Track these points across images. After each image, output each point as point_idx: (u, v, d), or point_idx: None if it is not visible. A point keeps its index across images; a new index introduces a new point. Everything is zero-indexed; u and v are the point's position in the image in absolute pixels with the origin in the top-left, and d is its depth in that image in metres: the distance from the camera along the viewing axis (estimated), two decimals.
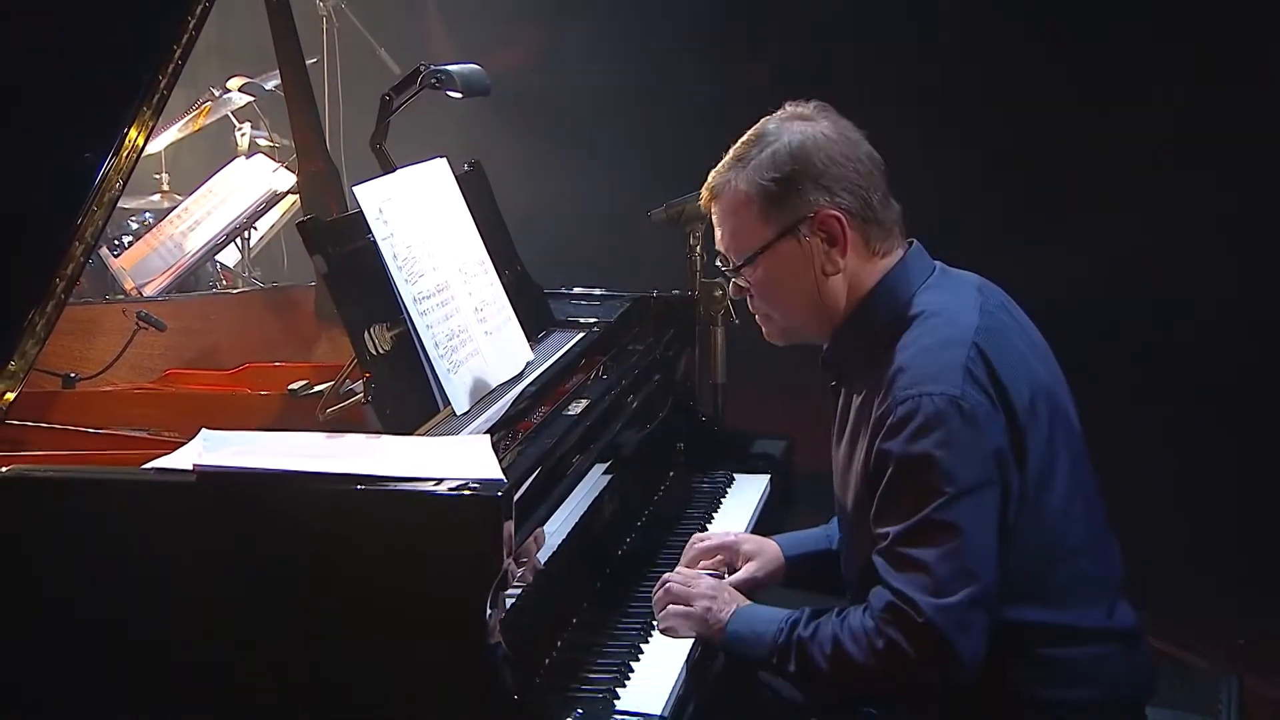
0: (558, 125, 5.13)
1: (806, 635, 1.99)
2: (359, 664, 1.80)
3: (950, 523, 1.86)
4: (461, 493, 1.76)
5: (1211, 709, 2.19)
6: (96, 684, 1.88)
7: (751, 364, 3.07)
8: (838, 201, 2.01)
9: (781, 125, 2.06)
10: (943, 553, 1.86)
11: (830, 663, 1.95)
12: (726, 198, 2.07)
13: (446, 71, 2.59)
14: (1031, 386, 1.97)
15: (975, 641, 1.88)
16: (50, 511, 1.88)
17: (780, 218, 2.03)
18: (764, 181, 2.02)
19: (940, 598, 1.85)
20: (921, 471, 1.88)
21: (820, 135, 2.03)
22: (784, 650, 2.01)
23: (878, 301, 2.05)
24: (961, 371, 1.90)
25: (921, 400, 1.89)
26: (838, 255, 2.03)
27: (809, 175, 2.01)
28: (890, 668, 1.90)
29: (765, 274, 2.07)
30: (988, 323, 1.99)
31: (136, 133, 2.00)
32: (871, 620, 1.91)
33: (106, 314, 2.96)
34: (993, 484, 1.89)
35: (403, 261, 2.23)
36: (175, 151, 4.69)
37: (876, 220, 2.04)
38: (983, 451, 1.88)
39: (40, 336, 1.95)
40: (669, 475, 2.77)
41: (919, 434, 1.88)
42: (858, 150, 2.04)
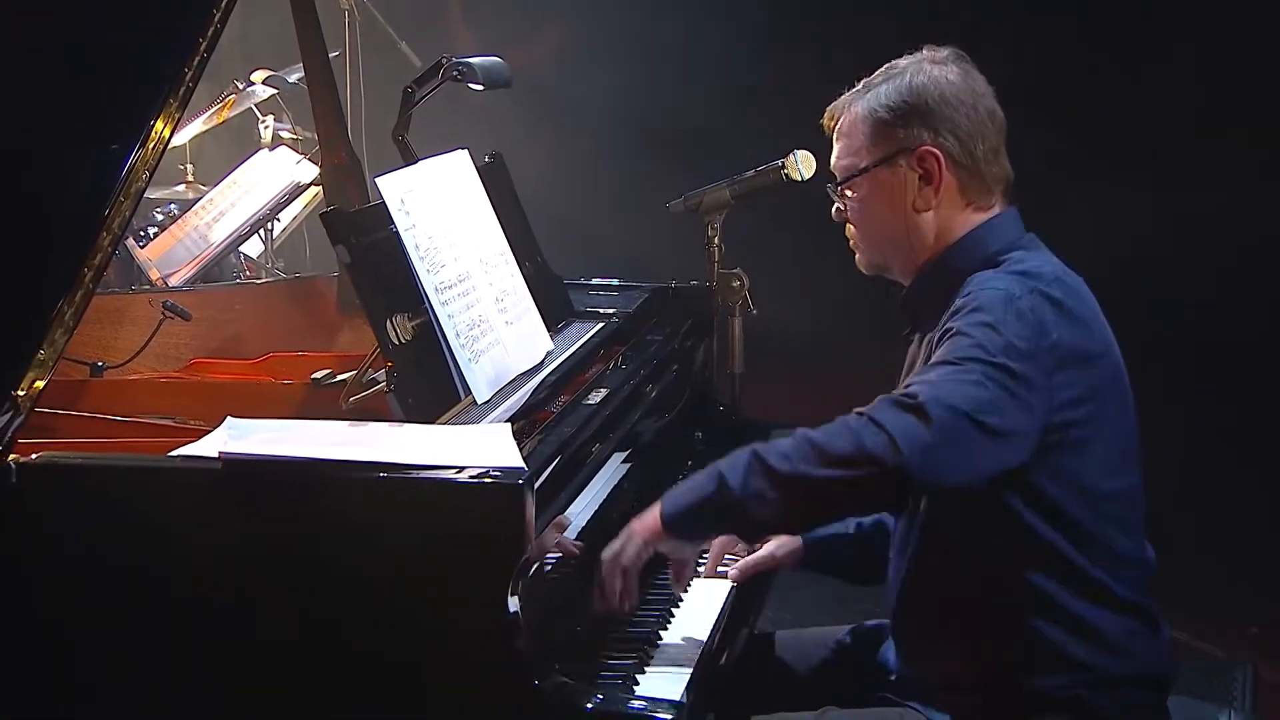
0: (578, 117, 5.14)
1: (761, 447, 1.89)
2: (381, 650, 1.82)
3: (983, 368, 1.85)
4: (483, 480, 1.78)
5: (1226, 697, 2.19)
6: (122, 667, 1.90)
7: (769, 354, 3.08)
8: (940, 142, 2.06)
9: (911, 63, 2.12)
10: (967, 379, 1.84)
11: (792, 459, 1.85)
12: (843, 119, 2.15)
13: (468, 64, 2.61)
14: (1092, 340, 2.00)
15: (954, 454, 1.83)
16: (78, 498, 1.91)
17: (884, 145, 2.09)
18: (878, 108, 2.09)
19: (947, 399, 1.82)
20: (968, 335, 1.90)
21: (944, 79, 2.08)
22: (727, 473, 1.88)
23: (965, 248, 2.09)
24: (1029, 287, 1.95)
25: (983, 291, 1.95)
26: (930, 193, 2.08)
27: (920, 111, 2.07)
28: (863, 444, 1.81)
29: (861, 197, 2.14)
30: (1064, 282, 2.02)
31: (163, 125, 2.02)
32: (857, 410, 1.87)
33: (133, 304, 2.98)
34: (1031, 368, 1.86)
35: (424, 252, 2.25)
36: (200, 143, 4.73)
37: (977, 171, 2.08)
38: (1031, 340, 1.89)
39: (69, 325, 1.97)
40: (687, 464, 2.78)
41: (975, 310, 1.93)
42: (977, 101, 2.08)
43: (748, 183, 2.89)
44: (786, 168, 2.84)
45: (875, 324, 4.51)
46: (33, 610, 1.92)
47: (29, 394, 1.95)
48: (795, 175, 2.84)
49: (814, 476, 1.84)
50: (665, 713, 1.84)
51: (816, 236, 2.20)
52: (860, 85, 2.15)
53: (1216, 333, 4.03)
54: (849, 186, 2.14)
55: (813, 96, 2.22)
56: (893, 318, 2.24)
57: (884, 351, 4.75)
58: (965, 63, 2.12)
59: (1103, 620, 1.98)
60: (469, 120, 4.46)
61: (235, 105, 4.44)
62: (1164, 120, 4.18)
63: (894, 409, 1.84)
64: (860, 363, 4.73)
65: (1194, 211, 4.05)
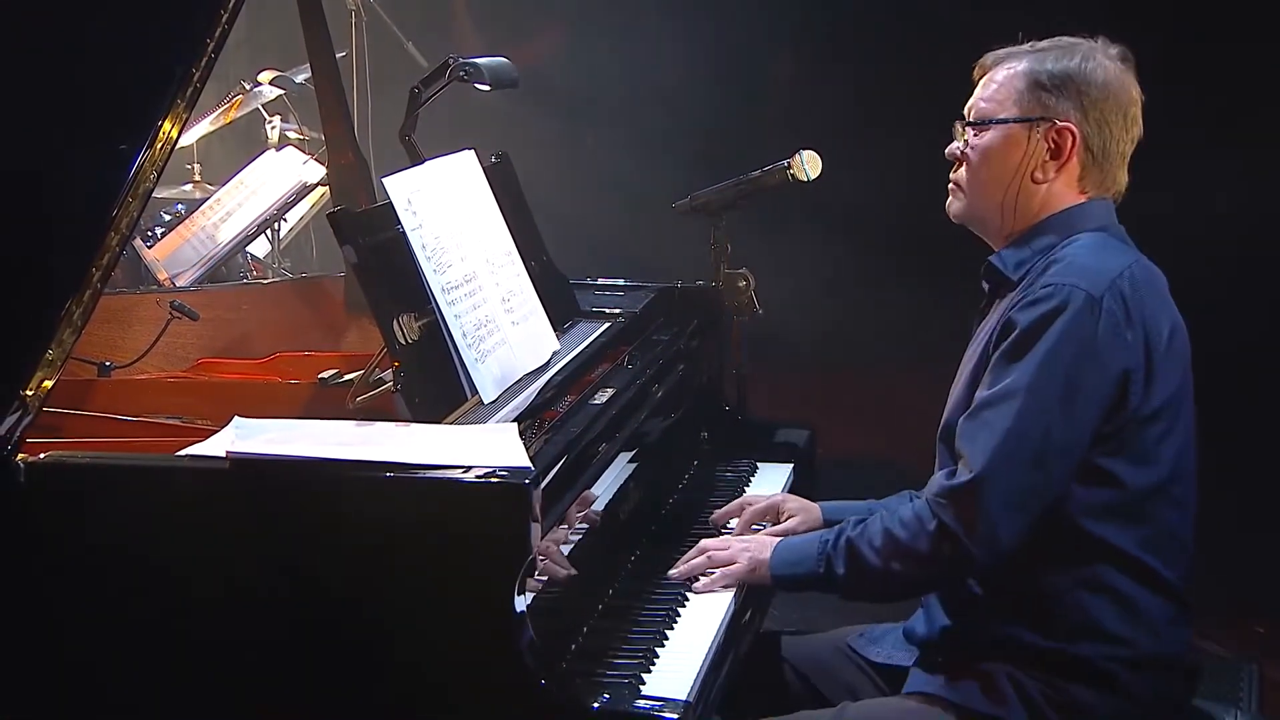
0: (585, 117, 5.14)
1: (855, 535, 2.08)
2: (388, 648, 1.83)
3: (1044, 404, 1.94)
4: (490, 480, 1.78)
5: (1232, 697, 2.19)
6: (129, 666, 1.91)
7: (775, 354, 3.08)
8: (1084, 124, 2.09)
9: (1085, 45, 2.13)
10: (1024, 428, 1.94)
11: (881, 555, 2.04)
12: (1000, 67, 2.16)
13: (475, 64, 2.62)
14: (1173, 328, 2.05)
15: (1017, 526, 1.95)
16: (86, 497, 1.91)
17: (1031, 106, 2.11)
18: (1039, 71, 2.11)
19: (998, 461, 1.93)
20: (1032, 349, 1.96)
21: (1113, 71, 2.10)
22: (831, 556, 2.09)
23: (1058, 221, 2.12)
24: (1109, 282, 1.98)
25: (1063, 289, 1.98)
26: (1053, 168, 2.11)
27: (1077, 90, 2.09)
28: (940, 548, 1.97)
29: (986, 146, 2.15)
30: (1146, 270, 2.08)
31: (170, 125, 2.02)
32: (926, 504, 2.00)
33: (141, 304, 2.99)
34: (1101, 391, 1.96)
35: (431, 252, 2.26)
36: (207, 144, 4.74)
37: (1104, 166, 2.12)
38: (1104, 356, 1.96)
39: (77, 325, 1.98)
40: (693, 464, 2.79)
41: (1050, 315, 1.96)
42: (1130, 108, 2.11)
43: (754, 183, 2.89)
44: (792, 168, 2.84)
45: (881, 324, 4.54)
46: (41, 609, 1.92)
47: (37, 393, 1.96)
48: (801, 175, 2.84)
49: (898, 572, 2.05)
50: (671, 712, 1.85)
51: (822, 237, 2.20)
52: (1027, 45, 2.16)
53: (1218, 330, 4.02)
54: (980, 130, 2.15)
55: (819, 97, 2.24)
56: (897, 319, 2.25)
57: (889, 351, 4.78)
58: (1131, 64, 2.14)
59: (1148, 602, 2.03)
60: (476, 120, 4.48)
61: (242, 105, 4.44)
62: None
63: (955, 505, 1.95)
64: (866, 362, 4.76)
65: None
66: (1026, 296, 2.01)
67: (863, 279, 4.55)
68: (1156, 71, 2.20)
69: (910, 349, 4.21)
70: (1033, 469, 1.95)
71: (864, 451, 4.16)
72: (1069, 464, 1.97)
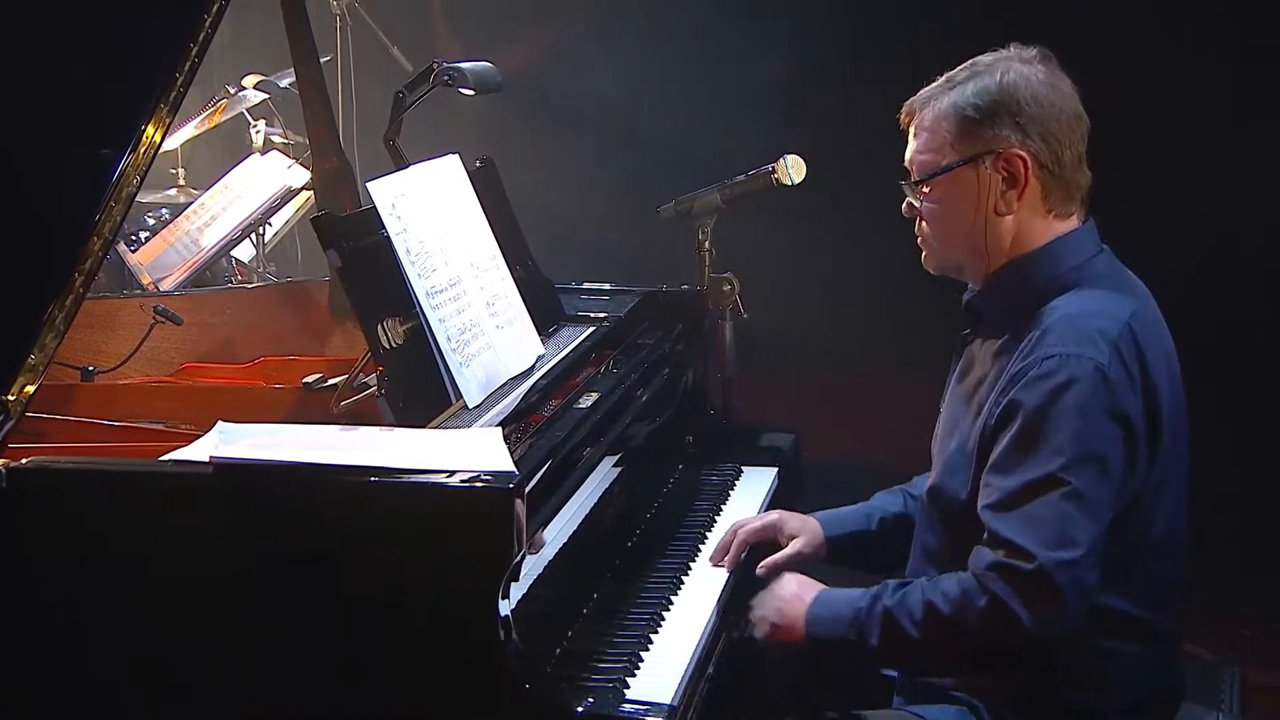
0: (569, 122, 5.14)
1: (892, 604, 1.98)
2: (372, 653, 1.83)
3: (1072, 483, 1.87)
4: (474, 484, 1.78)
5: (1215, 700, 2.20)
6: (113, 671, 1.91)
7: (760, 358, 3.09)
8: (1028, 144, 2.00)
9: (997, 60, 2.05)
10: (1062, 511, 1.86)
11: (922, 628, 1.94)
12: (925, 114, 2.07)
13: (459, 69, 2.62)
14: (1172, 392, 1.99)
15: (1084, 600, 1.88)
16: (69, 502, 1.91)
17: (969, 144, 2.02)
18: (964, 106, 2.02)
19: (1056, 550, 1.85)
20: (1052, 428, 1.88)
21: (1034, 78, 2.01)
22: (866, 624, 1.99)
23: (1041, 260, 2.03)
24: (1110, 344, 1.91)
25: (1068, 360, 1.90)
26: (1014, 197, 2.02)
27: (1009, 111, 2.00)
28: (992, 625, 1.88)
29: (939, 196, 2.07)
30: (1142, 314, 2.01)
31: (154, 129, 2.02)
32: (973, 579, 1.91)
33: (124, 308, 2.98)
34: (1116, 458, 1.90)
35: (415, 256, 2.26)
36: (191, 148, 4.73)
37: (1062, 177, 2.02)
38: (1115, 424, 1.89)
39: (59, 330, 1.98)
40: (678, 468, 2.79)
41: (1058, 392, 1.89)
42: (1065, 103, 2.02)
43: (738, 187, 2.90)
44: (777, 172, 2.85)
45: (866, 327, 4.55)
46: (24, 615, 1.91)
47: (19, 399, 1.95)
48: (786, 180, 2.85)
49: (944, 649, 1.96)
50: (656, 716, 1.86)
51: (807, 241, 2.20)
52: (943, 80, 2.07)
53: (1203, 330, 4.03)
54: (926, 184, 2.07)
55: (804, 102, 2.23)
56: (882, 323, 2.25)
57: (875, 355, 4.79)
58: (1053, 63, 2.05)
59: (1134, 651, 2.00)
60: (460, 125, 4.48)
61: (227, 110, 4.43)
62: None
63: (1013, 584, 1.86)
64: (851, 366, 4.77)
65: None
66: (1030, 371, 1.92)
67: (847, 283, 4.56)
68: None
69: (895, 352, 4.21)
70: (1081, 541, 1.86)
71: (848, 455, 4.16)
72: (1102, 529, 1.89)
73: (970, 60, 2.08)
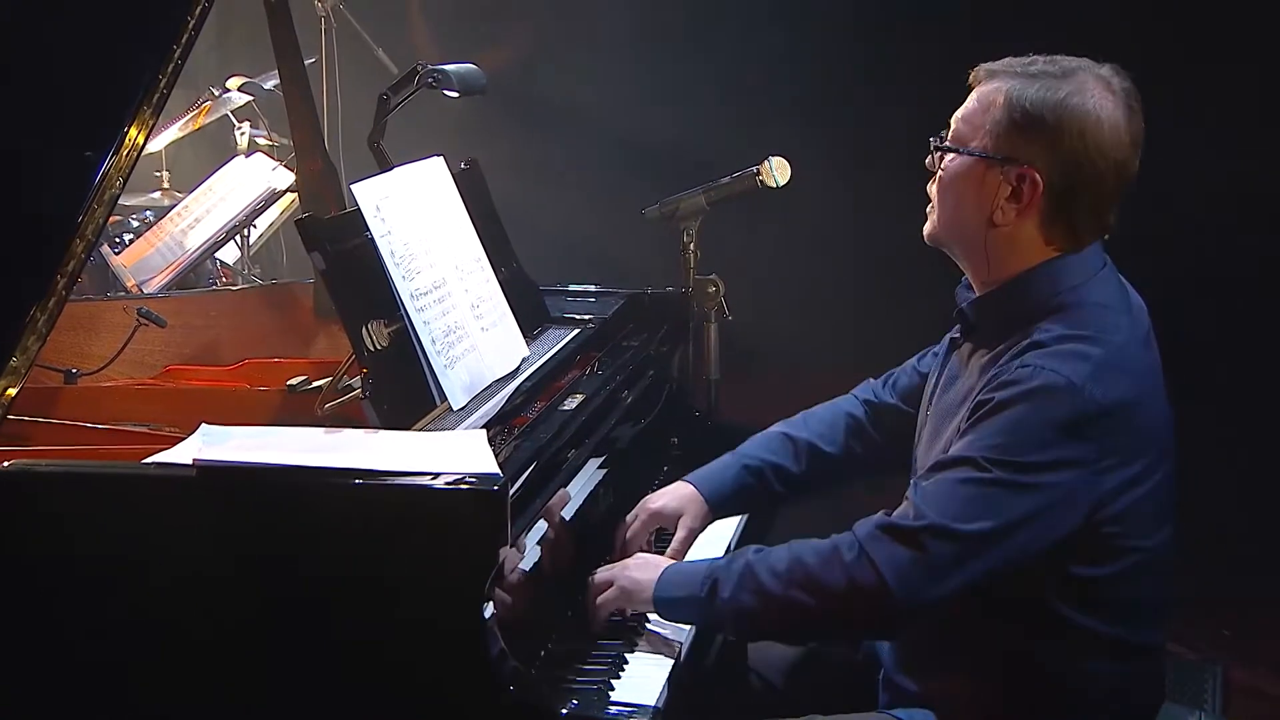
0: (554, 124, 5.15)
1: (754, 559, 1.94)
2: (356, 655, 1.82)
3: (992, 474, 1.83)
4: (459, 487, 1.78)
5: (1197, 699, 2.21)
6: (96, 673, 1.90)
7: (744, 360, 3.09)
8: (1051, 174, 1.93)
9: (1079, 72, 1.95)
10: (971, 493, 1.83)
11: (781, 580, 1.90)
12: (988, 87, 1.98)
13: (443, 71, 2.62)
14: (1153, 421, 1.94)
15: (949, 584, 1.84)
16: (52, 506, 1.90)
17: (999, 142, 1.95)
18: (1017, 104, 1.94)
19: (951, 521, 1.82)
20: (1001, 420, 1.85)
21: (1099, 111, 1.91)
22: (721, 578, 1.95)
23: (1035, 279, 1.97)
24: (1093, 368, 1.86)
25: (1041, 371, 1.86)
26: (1012, 212, 1.95)
27: (1051, 134, 1.92)
28: (854, 582, 1.85)
29: (953, 170, 2.01)
30: (1134, 342, 1.96)
31: (137, 131, 2.02)
32: (851, 534, 1.88)
33: (108, 310, 2.98)
34: (1056, 478, 1.84)
35: (400, 258, 2.26)
36: (176, 150, 4.72)
37: (1070, 220, 1.95)
38: (1068, 444, 1.84)
39: (42, 333, 1.97)
40: (663, 470, 2.79)
41: (1025, 396, 1.84)
42: (1116, 150, 1.93)
43: (723, 189, 2.91)
44: (761, 174, 2.85)
45: (850, 329, 4.56)
46: (6, 619, 1.90)
47: (1, 401, 1.95)
48: (770, 182, 2.85)
49: (800, 603, 1.90)
50: (640, 717, 1.86)
51: (792, 243, 2.20)
52: (1025, 60, 1.98)
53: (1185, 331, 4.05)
54: (950, 154, 2.01)
55: (789, 103, 2.23)
56: (866, 324, 2.25)
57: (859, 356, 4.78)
58: (1133, 102, 1.95)
59: (1115, 670, 1.98)
60: (445, 127, 4.48)
61: (211, 112, 4.43)
62: None
63: (891, 543, 1.84)
64: (835, 367, 4.77)
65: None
66: (1003, 375, 1.89)
67: (832, 285, 4.57)
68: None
69: (879, 354, 4.21)
70: (983, 542, 1.83)
71: None
72: (1014, 543, 1.85)
73: (1068, 59, 1.97)
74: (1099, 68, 1.97)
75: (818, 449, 2.36)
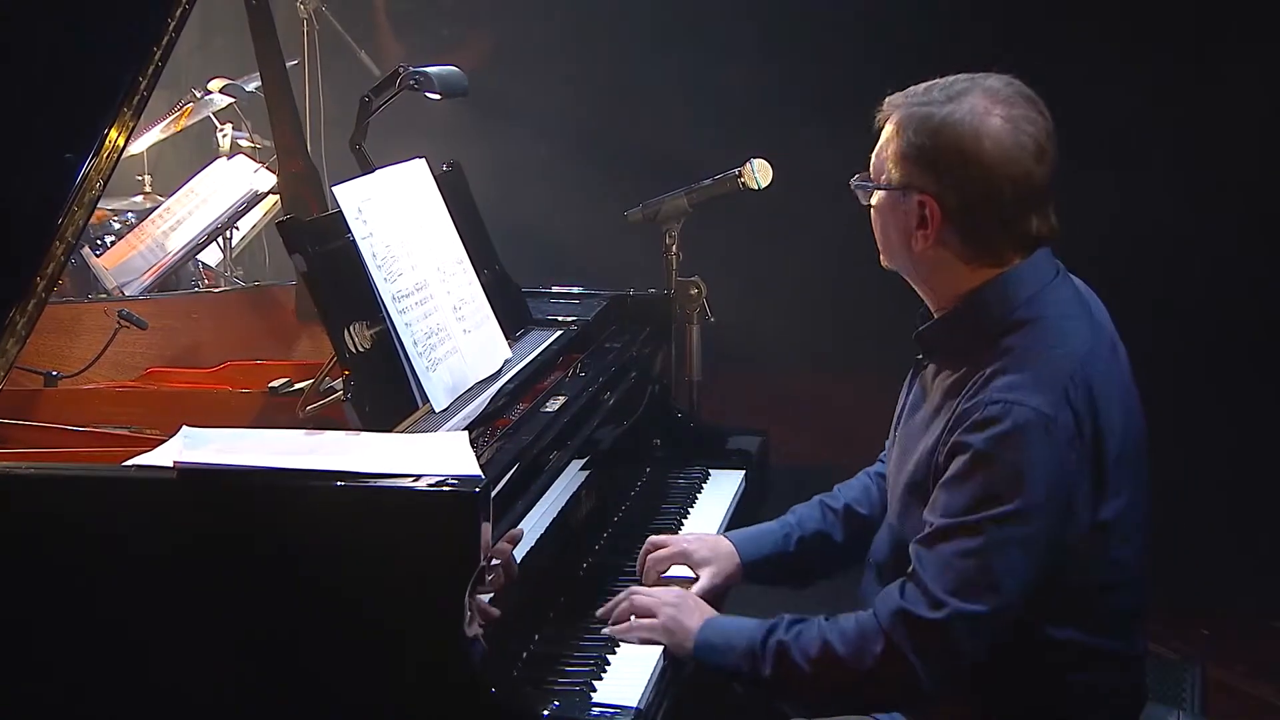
0: (536, 125, 5.15)
1: (788, 638, 1.96)
2: (338, 658, 1.82)
3: (1003, 534, 1.83)
4: (440, 489, 1.78)
5: (1176, 698, 2.22)
6: (75, 680, 1.89)
7: (727, 361, 3.10)
8: (942, 197, 1.93)
9: (972, 95, 1.93)
10: (982, 562, 1.84)
11: (814, 664, 1.93)
12: (890, 120, 2.00)
13: (425, 73, 2.62)
14: (1125, 429, 1.94)
15: (979, 653, 1.87)
16: (32, 508, 1.89)
17: (898, 172, 1.97)
18: (907, 132, 1.95)
19: (967, 601, 1.83)
20: (991, 475, 1.84)
21: (981, 129, 1.90)
22: (759, 655, 1.98)
23: (985, 299, 1.97)
24: (1060, 392, 1.86)
25: (1013, 408, 1.84)
26: (924, 239, 1.96)
27: (934, 157, 1.92)
28: (885, 672, 1.88)
29: (876, 206, 2.04)
30: (1098, 351, 1.95)
31: (117, 133, 2.02)
32: (874, 621, 1.90)
33: (88, 313, 2.97)
34: (1055, 511, 1.86)
35: (382, 260, 2.26)
36: (157, 152, 4.71)
37: (979, 237, 1.95)
38: (1057, 476, 1.85)
39: (21, 335, 1.97)
40: (645, 471, 2.79)
41: (1001, 440, 1.84)
42: (1006, 163, 1.90)
43: (705, 191, 2.92)
44: (743, 176, 2.87)
45: (833, 330, 4.57)
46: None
47: None
48: (752, 184, 2.86)
49: (838, 691, 1.95)
50: (622, 719, 1.86)
51: (773, 244, 2.21)
52: (921, 89, 1.98)
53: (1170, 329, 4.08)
54: (863, 189, 2.05)
55: (770, 106, 2.24)
56: (849, 326, 2.25)
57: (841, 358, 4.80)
58: (1021, 107, 1.93)
59: (1094, 680, 1.99)
60: (428, 129, 4.48)
61: (193, 114, 4.42)
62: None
63: (914, 633, 1.85)
64: (818, 368, 4.79)
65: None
66: (973, 415, 1.87)
67: (814, 286, 4.58)
68: None
69: (861, 355, 4.24)
70: (992, 593, 1.84)
71: (815, 457, 4.18)
72: (1022, 584, 1.86)
73: (959, 76, 1.97)
74: (988, 79, 1.96)
75: (854, 511, 2.36)
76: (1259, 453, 4.09)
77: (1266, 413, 4.11)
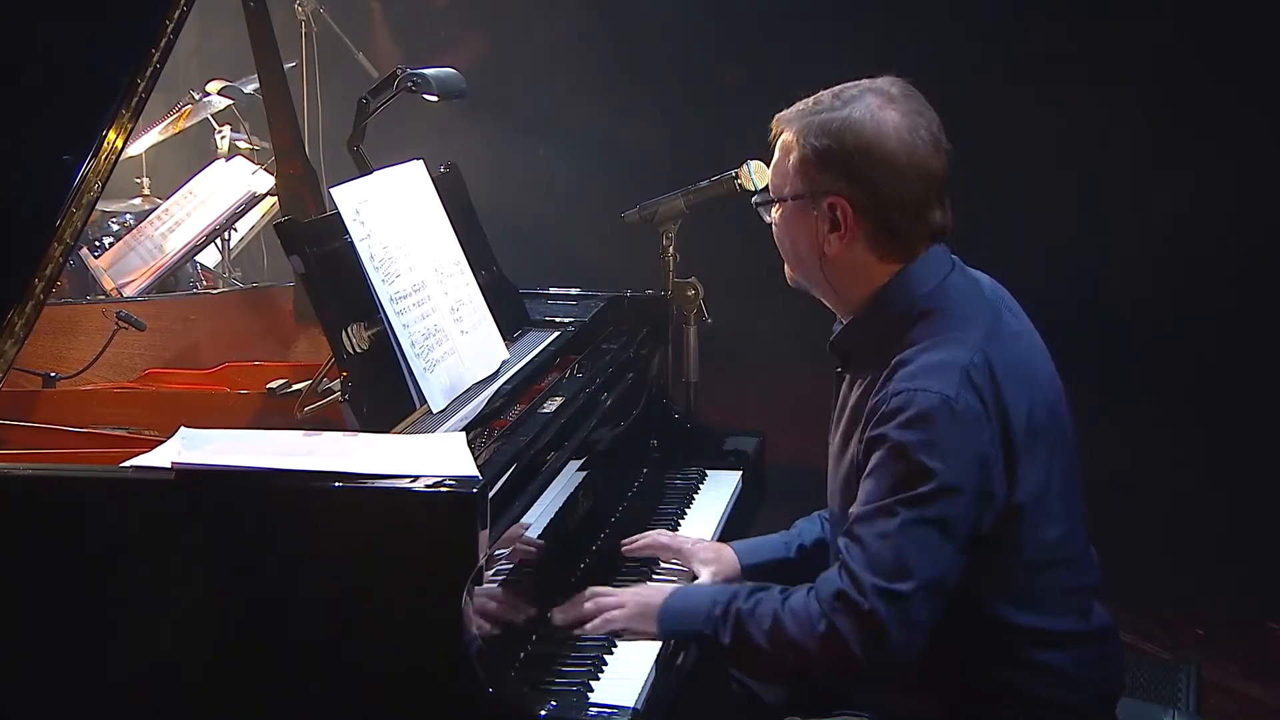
0: (534, 127, 5.16)
1: (746, 609, 2.01)
2: (336, 659, 1.83)
3: (919, 515, 1.88)
4: (438, 489, 1.79)
5: (1171, 698, 2.23)
6: (73, 680, 1.90)
7: (724, 362, 3.10)
8: (854, 196, 1.99)
9: (858, 96, 2.00)
10: (904, 541, 1.88)
11: (768, 639, 1.98)
12: (785, 135, 2.06)
13: (422, 75, 2.62)
14: (1032, 405, 1.97)
15: (912, 635, 1.90)
16: (30, 509, 1.90)
17: (802, 182, 2.02)
18: (805, 144, 2.01)
19: (890, 582, 1.87)
20: (903, 460, 1.89)
21: (882, 127, 1.97)
22: (720, 621, 2.02)
23: (889, 296, 2.03)
24: (960, 374, 1.91)
25: (916, 395, 1.90)
26: (837, 241, 2.01)
27: (842, 158, 1.98)
28: (828, 652, 1.92)
29: (780, 220, 2.09)
30: (997, 331, 1.99)
31: (115, 135, 2.02)
32: (816, 603, 1.94)
33: (87, 314, 2.97)
34: (969, 489, 1.89)
35: (379, 262, 2.26)
36: (156, 154, 4.71)
37: (892, 231, 2.00)
38: (968, 455, 1.89)
39: (19, 336, 1.97)
40: (642, 472, 2.80)
41: (908, 425, 1.89)
42: (911, 156, 1.97)
43: (702, 192, 2.92)
44: (740, 178, 2.87)
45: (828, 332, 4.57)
46: None
47: None
48: (749, 185, 2.87)
49: (788, 662, 1.99)
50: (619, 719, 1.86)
51: (770, 246, 2.21)
52: (810, 102, 2.06)
53: (1160, 333, 4.08)
54: (769, 207, 2.11)
55: (767, 107, 2.24)
56: None
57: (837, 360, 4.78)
58: (913, 103, 2.01)
59: (1058, 659, 2.01)
60: (425, 131, 4.48)
61: (191, 115, 4.43)
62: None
63: (848, 616, 1.90)
64: (814, 370, 4.78)
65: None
66: (881, 407, 1.93)
67: None
68: None
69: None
70: (920, 573, 1.88)
71: (812, 458, 4.17)
72: (951, 561, 1.90)
73: (843, 85, 2.04)
74: (876, 82, 2.03)
75: None
76: (1255, 453, 4.09)
77: (1263, 412, 4.11)
